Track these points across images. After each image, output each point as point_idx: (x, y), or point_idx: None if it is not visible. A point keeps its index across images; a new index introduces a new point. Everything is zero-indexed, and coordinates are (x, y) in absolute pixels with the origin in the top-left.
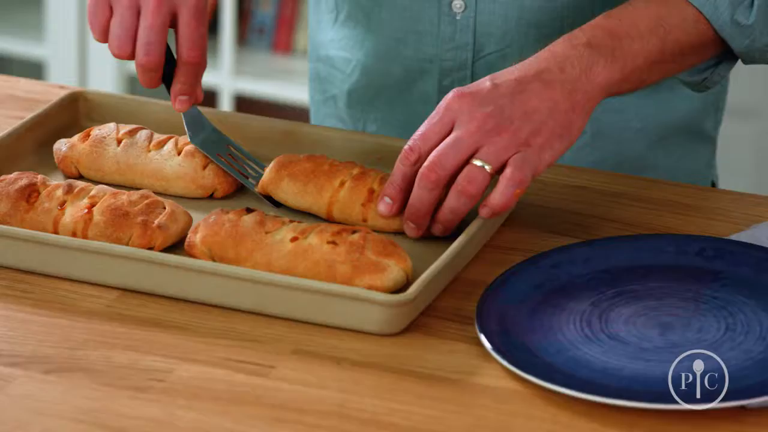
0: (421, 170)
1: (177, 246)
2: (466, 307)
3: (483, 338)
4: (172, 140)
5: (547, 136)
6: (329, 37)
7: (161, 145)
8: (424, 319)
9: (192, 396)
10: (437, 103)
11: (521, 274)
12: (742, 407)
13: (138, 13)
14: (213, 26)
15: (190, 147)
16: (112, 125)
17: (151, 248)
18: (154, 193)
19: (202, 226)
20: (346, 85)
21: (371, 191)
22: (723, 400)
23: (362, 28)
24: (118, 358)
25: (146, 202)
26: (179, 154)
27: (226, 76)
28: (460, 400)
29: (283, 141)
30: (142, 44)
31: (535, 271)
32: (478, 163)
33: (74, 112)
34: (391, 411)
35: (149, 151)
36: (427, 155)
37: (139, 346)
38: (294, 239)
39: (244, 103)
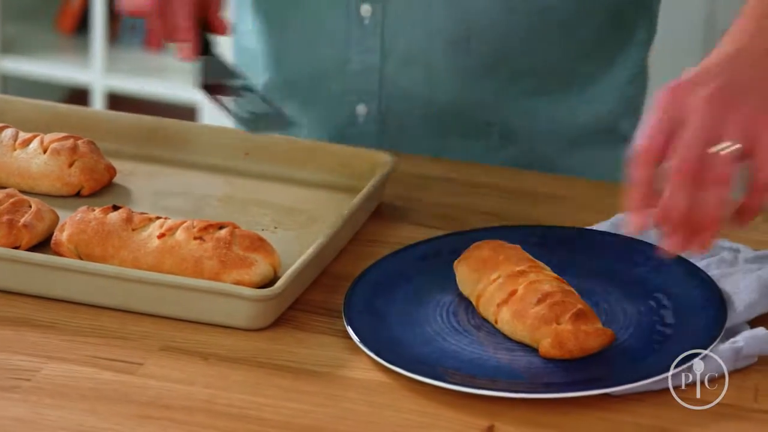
0: (672, 168)
1: (43, 244)
2: (334, 300)
3: (351, 331)
4: (38, 138)
5: None
6: (248, 28)
7: (27, 143)
8: (292, 313)
9: (59, 395)
10: (345, 104)
11: (388, 266)
12: (607, 394)
13: None
14: (84, 25)
15: (56, 145)
16: None
17: (17, 247)
18: (20, 191)
19: (69, 224)
20: (261, 80)
21: (513, 292)
22: (589, 388)
23: (276, 25)
24: None
25: (12, 200)
26: (45, 152)
27: (97, 73)
28: (328, 393)
29: (151, 137)
30: None
31: (402, 263)
32: (723, 146)
33: None
34: (259, 405)
35: (14, 149)
36: (662, 152)
37: (6, 346)
38: (161, 236)
39: (117, 101)
